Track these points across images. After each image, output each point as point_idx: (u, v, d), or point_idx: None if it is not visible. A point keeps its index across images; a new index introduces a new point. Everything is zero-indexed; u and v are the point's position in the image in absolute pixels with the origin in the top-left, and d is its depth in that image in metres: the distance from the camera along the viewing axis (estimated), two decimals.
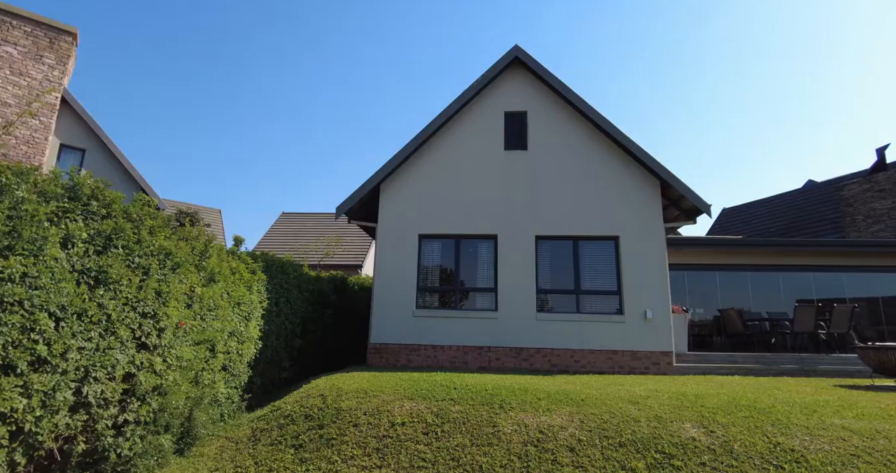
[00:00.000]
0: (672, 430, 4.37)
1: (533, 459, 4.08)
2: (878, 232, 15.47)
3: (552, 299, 9.40)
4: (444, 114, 9.89)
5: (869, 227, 15.79)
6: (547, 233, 9.49)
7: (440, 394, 5.20)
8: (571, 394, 5.24)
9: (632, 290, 9.05)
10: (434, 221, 9.61)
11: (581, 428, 4.42)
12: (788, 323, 11.02)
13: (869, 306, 13.11)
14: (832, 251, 12.88)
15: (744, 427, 4.46)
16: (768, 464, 4.03)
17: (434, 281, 9.63)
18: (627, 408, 4.81)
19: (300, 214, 22.89)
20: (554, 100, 10.16)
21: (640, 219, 9.36)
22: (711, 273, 12.72)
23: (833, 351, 10.51)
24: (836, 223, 17.50)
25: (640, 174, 9.58)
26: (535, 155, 9.91)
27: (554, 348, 8.90)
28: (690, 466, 4.00)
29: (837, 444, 4.26)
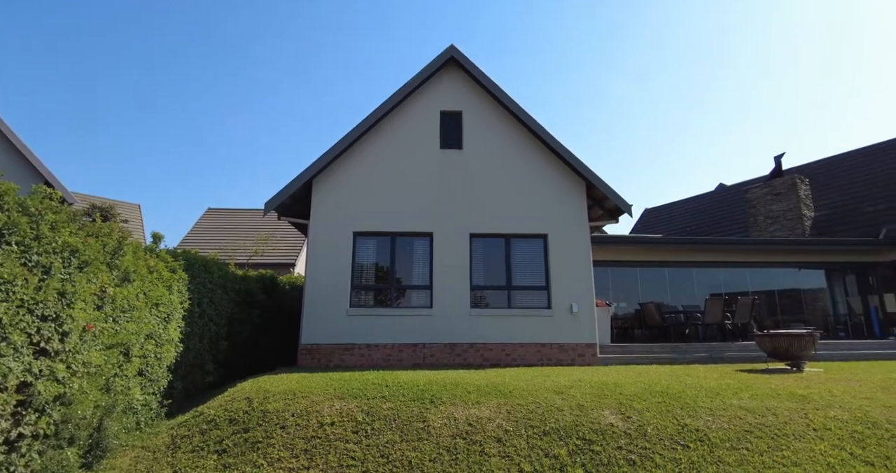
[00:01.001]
0: (592, 417, 4.63)
1: (461, 451, 4.17)
2: (775, 231, 17.14)
3: (485, 295, 9.61)
4: (379, 110, 9.82)
5: (768, 227, 17.46)
6: (481, 231, 9.68)
7: (371, 393, 5.18)
8: (500, 387, 5.40)
9: (559, 286, 9.45)
10: (369, 218, 9.51)
11: (508, 419, 4.57)
12: (700, 315, 11.96)
13: (767, 298, 14.51)
14: (737, 249, 14.13)
15: (657, 411, 4.81)
16: (676, 444, 4.37)
17: (369, 280, 9.55)
18: (552, 398, 5.04)
19: (228, 210, 21.83)
20: (488, 102, 10.37)
21: (567, 218, 9.78)
22: (633, 269, 13.54)
23: (737, 339, 11.53)
24: (743, 223, 19.19)
25: (568, 175, 10.01)
26: (470, 154, 10.08)
27: (486, 342, 9.11)
28: (608, 450, 4.26)
29: (735, 422, 4.70)
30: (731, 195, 21.76)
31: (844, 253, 14.48)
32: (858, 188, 16.89)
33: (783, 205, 17.06)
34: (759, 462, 4.23)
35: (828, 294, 14.96)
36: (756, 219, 17.94)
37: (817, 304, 14.91)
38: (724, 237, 18.80)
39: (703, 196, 24.19)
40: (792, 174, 17.50)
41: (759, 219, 17.78)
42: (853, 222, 15.76)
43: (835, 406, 5.20)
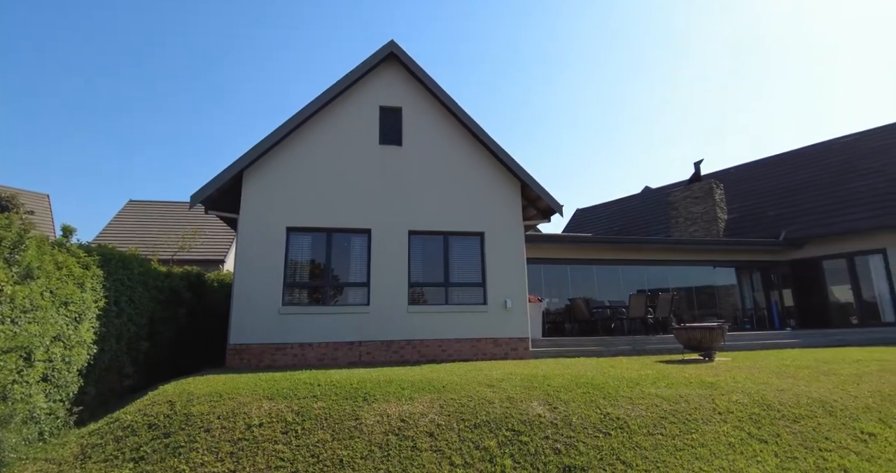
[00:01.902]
0: (521, 409, 4.80)
1: (393, 447, 4.19)
2: (694, 232, 18.47)
3: (423, 292, 9.66)
4: (316, 102, 9.58)
5: (688, 228, 18.78)
6: (419, 228, 9.71)
7: (303, 392, 5.08)
8: (434, 382, 5.47)
9: (495, 282, 9.68)
10: (304, 213, 9.27)
11: (441, 414, 4.64)
12: (625, 310, 12.67)
13: (686, 294, 15.62)
14: (660, 248, 15.09)
15: (582, 402, 5.07)
16: (599, 432, 4.63)
17: (303, 277, 9.31)
18: (484, 392, 5.17)
19: (151, 203, 20.46)
20: (428, 99, 10.41)
21: (502, 216, 10.04)
22: (564, 266, 14.11)
23: (658, 332, 12.33)
24: (666, 224, 20.50)
25: (503, 175, 10.26)
26: (410, 151, 10.07)
27: (423, 339, 9.17)
28: (536, 440, 4.44)
29: (652, 410, 5.05)
30: (656, 197, 23.19)
31: (752, 253, 15.86)
32: (763, 194, 18.55)
33: (701, 208, 18.42)
34: (672, 446, 4.57)
35: (738, 290, 16.33)
36: (677, 221, 19.23)
37: (729, 299, 16.24)
38: (648, 237, 20.01)
39: (630, 197, 25.61)
40: (709, 179, 18.90)
41: (680, 221, 19.08)
42: (759, 225, 17.28)
43: (737, 392, 5.71)
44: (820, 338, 12.22)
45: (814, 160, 18.14)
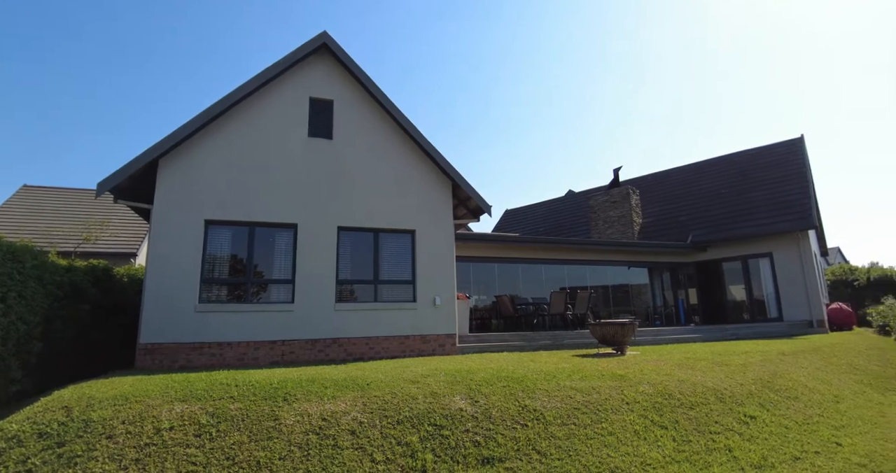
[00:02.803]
0: (444, 404, 4.90)
1: (314, 446, 4.14)
2: (612, 234, 19.65)
3: (351, 289, 9.54)
4: (242, 89, 9.13)
5: (606, 230, 19.94)
6: (349, 224, 9.57)
7: (218, 393, 4.86)
8: (358, 380, 5.44)
9: (424, 280, 9.76)
10: (225, 206, 8.82)
11: (364, 411, 4.64)
12: (547, 307, 13.24)
13: (603, 292, 16.59)
14: (580, 248, 15.91)
15: (502, 395, 5.26)
16: (517, 424, 4.83)
17: (223, 273, 8.86)
18: (408, 388, 5.22)
19: (49, 189, 18.52)
20: (361, 94, 10.27)
21: (433, 215, 10.14)
22: (492, 264, 14.50)
23: (577, 327, 13.01)
24: (586, 226, 21.62)
25: (435, 174, 10.37)
26: (341, 145, 9.89)
27: (351, 337, 9.06)
28: (457, 433, 4.56)
29: (566, 401, 5.34)
30: (578, 201, 24.39)
31: (662, 255, 17.15)
32: (674, 200, 20.10)
33: (618, 212, 19.62)
34: (584, 435, 4.87)
35: (649, 288, 17.60)
36: (597, 223, 20.36)
37: (642, 297, 17.46)
38: (570, 238, 21.02)
39: (556, 200, 26.76)
40: (626, 186, 20.18)
41: (599, 223, 20.22)
42: (670, 229, 18.71)
43: (644, 383, 6.17)
44: (718, 333, 13.47)
45: (718, 171, 19.91)
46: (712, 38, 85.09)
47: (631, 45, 78.68)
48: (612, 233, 19.61)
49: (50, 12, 50.27)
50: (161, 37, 60.85)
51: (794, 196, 16.07)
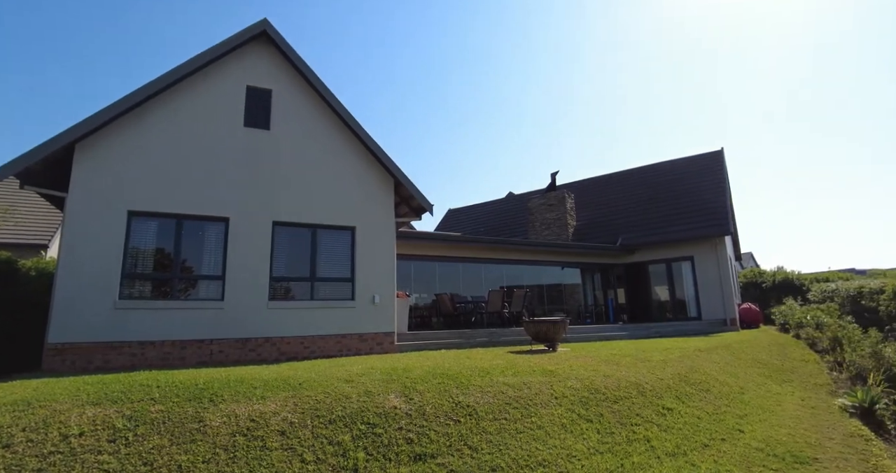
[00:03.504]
0: (378, 402, 4.89)
1: (241, 448, 4.00)
2: (548, 236, 20.33)
3: (287, 286, 9.28)
4: (173, 73, 8.61)
5: (542, 232, 20.61)
6: (286, 219, 9.29)
7: (138, 395, 4.58)
8: (290, 380, 5.31)
9: (363, 278, 9.66)
10: (151, 196, 8.29)
11: (295, 411, 4.54)
12: (485, 305, 13.51)
13: (539, 291, 17.14)
14: (518, 248, 16.34)
15: (436, 392, 5.32)
16: (450, 420, 4.91)
17: (146, 267, 8.33)
18: (342, 387, 5.16)
19: None
20: (302, 86, 9.99)
21: (375, 212, 10.06)
22: (433, 263, 14.59)
23: (513, 325, 13.37)
24: (525, 227, 22.23)
25: (378, 171, 10.29)
26: (279, 137, 9.57)
27: (285, 336, 8.81)
28: (390, 431, 4.57)
29: (498, 397, 5.49)
30: (518, 203, 25.02)
31: (594, 256, 17.96)
32: (607, 205, 21.10)
33: (554, 214, 20.34)
34: (514, 429, 5.03)
35: (582, 288, 18.38)
36: (534, 225, 21.00)
37: (574, 296, 18.20)
38: (509, 238, 21.54)
39: (497, 201, 27.32)
40: (563, 189, 20.94)
41: (537, 225, 20.86)
42: (601, 232, 19.62)
43: (572, 378, 6.46)
44: (643, 331, 14.29)
45: (647, 178, 21.10)
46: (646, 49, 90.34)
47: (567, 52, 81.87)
48: (549, 234, 20.29)
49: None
50: (102, 29, 56.16)
51: (714, 204, 17.35)
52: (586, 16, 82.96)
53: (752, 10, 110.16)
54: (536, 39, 76.28)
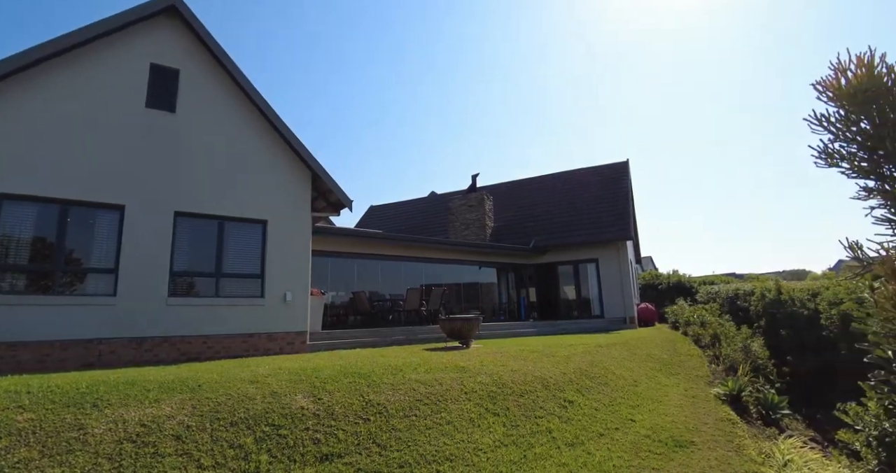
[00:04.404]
0: (284, 403, 4.73)
1: (128, 457, 3.69)
2: (467, 236, 20.77)
3: (190, 282, 8.68)
4: (63, 40, 7.71)
5: (462, 232, 21.01)
6: (190, 209, 8.68)
7: (2, 403, 4.06)
8: (189, 381, 4.98)
9: (275, 274, 9.28)
10: (30, 178, 7.37)
11: (192, 415, 4.26)
12: (402, 303, 13.52)
13: (457, 289, 17.45)
14: (438, 247, 16.53)
15: (346, 391, 5.25)
16: (359, 419, 4.87)
17: (21, 258, 7.40)
18: (246, 388, 4.93)
19: None
20: (214, 68, 9.39)
21: (289, 206, 9.70)
22: (352, 260, 14.34)
23: (430, 323, 13.50)
24: (445, 226, 22.52)
25: (294, 163, 9.93)
26: (186, 121, 8.92)
27: (185, 335, 8.23)
28: (296, 433, 4.44)
29: (410, 394, 5.53)
30: (439, 202, 25.31)
31: (509, 256, 18.62)
32: (523, 207, 21.96)
33: (474, 215, 20.83)
34: (423, 425, 5.10)
35: (497, 287, 18.98)
36: (454, 225, 21.35)
37: (490, 295, 18.75)
38: (430, 237, 21.73)
39: (419, 200, 27.43)
40: (483, 191, 21.49)
41: (457, 225, 21.23)
42: (517, 233, 20.38)
43: (482, 374, 6.66)
44: (551, 328, 15.06)
45: (560, 184, 22.24)
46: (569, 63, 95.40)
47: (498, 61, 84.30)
48: (468, 234, 20.73)
49: None
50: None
51: (617, 211, 18.68)
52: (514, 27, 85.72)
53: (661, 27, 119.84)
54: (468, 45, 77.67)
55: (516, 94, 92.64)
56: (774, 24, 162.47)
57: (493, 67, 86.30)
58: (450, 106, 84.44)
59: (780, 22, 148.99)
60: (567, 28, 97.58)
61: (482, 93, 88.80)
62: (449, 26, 77.73)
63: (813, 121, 1.70)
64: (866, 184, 1.60)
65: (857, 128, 1.56)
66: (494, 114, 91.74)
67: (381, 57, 77.28)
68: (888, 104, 1.45)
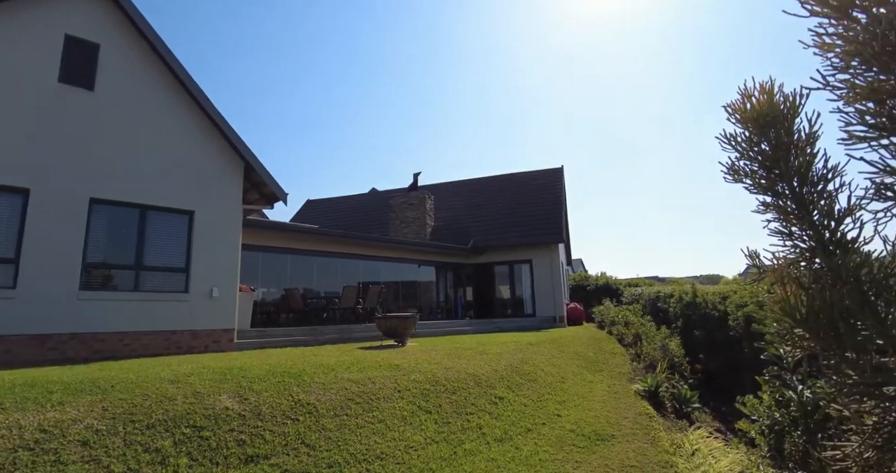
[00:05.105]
0: (208, 403, 4.51)
1: (23, 466, 3.37)
2: (407, 234, 20.74)
3: (107, 274, 8.05)
4: None
5: (402, 230, 20.96)
6: (108, 196, 8.06)
7: None
8: (100, 382, 4.63)
9: (201, 268, 8.81)
10: None
11: (103, 417, 3.97)
12: (338, 301, 13.28)
13: (395, 287, 17.38)
14: (377, 245, 16.38)
15: (275, 391, 5.09)
16: (287, 419, 4.74)
17: None
18: (166, 388, 4.66)
19: None
20: (140, 46, 8.75)
21: (219, 196, 9.24)
22: (286, 255, 13.90)
23: (366, 321, 13.35)
24: (385, 224, 22.36)
25: (226, 152, 9.47)
26: (105, 101, 8.26)
27: (99, 332, 7.63)
28: (219, 434, 4.25)
29: (341, 393, 5.45)
30: (380, 199, 25.09)
31: (448, 256, 18.80)
32: (462, 208, 22.24)
33: (414, 214, 20.84)
34: (354, 424, 5.04)
35: (435, 285, 19.10)
36: (394, 222, 21.25)
37: (428, 293, 18.83)
38: (370, 234, 21.50)
39: (359, 196, 27.03)
40: (424, 190, 21.54)
41: (397, 223, 21.15)
42: (456, 233, 20.62)
43: (416, 371, 6.68)
44: (486, 326, 15.37)
45: (499, 186, 22.73)
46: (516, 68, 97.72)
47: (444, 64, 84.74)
48: (408, 232, 20.70)
49: None
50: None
51: (551, 214, 19.38)
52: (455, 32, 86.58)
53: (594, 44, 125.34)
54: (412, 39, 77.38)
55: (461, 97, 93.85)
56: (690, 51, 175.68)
57: (445, 70, 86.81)
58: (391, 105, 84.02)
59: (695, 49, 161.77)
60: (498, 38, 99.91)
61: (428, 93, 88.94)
62: (398, 30, 77.19)
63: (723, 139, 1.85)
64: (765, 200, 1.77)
65: (758, 149, 1.73)
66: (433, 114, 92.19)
67: (328, 55, 75.43)
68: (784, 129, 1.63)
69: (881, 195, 1.34)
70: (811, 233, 1.64)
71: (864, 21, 1.31)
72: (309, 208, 27.24)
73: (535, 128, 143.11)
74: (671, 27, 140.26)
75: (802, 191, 1.68)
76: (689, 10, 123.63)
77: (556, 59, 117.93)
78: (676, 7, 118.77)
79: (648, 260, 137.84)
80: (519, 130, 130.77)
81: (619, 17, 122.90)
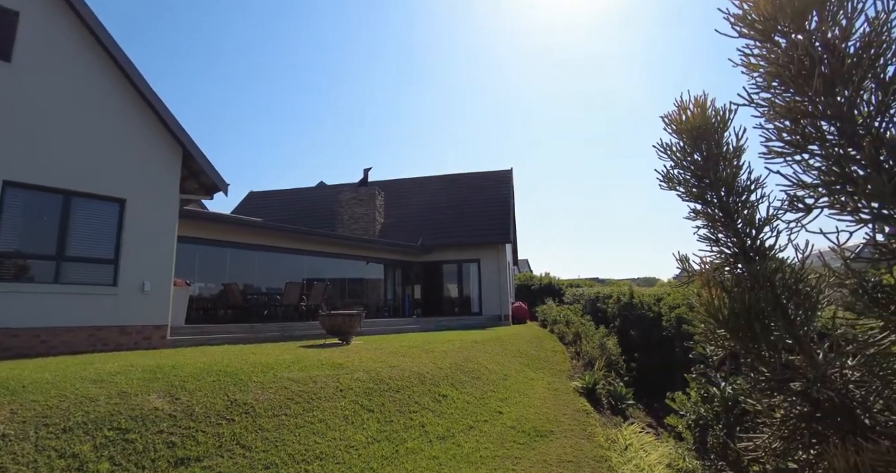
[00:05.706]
0: (134, 404, 4.25)
1: None
2: (355, 230, 20.45)
3: (21, 265, 7.41)
4: None
5: (350, 226, 20.64)
6: (24, 179, 7.41)
7: None
8: (9, 382, 4.25)
9: (132, 260, 8.29)
10: None
11: (11, 421, 3.65)
12: (280, 297, 12.89)
13: (341, 284, 17.09)
14: (324, 240, 16.05)
15: (209, 390, 4.87)
16: (222, 419, 4.55)
17: None
18: (87, 389, 4.35)
19: None
20: (66, 15, 8.10)
21: (154, 184, 8.72)
22: (225, 249, 13.33)
23: (309, 319, 13.04)
24: (333, 219, 21.93)
25: (163, 137, 8.95)
26: (24, 74, 7.58)
27: (11, 327, 7.01)
28: (147, 436, 4.01)
29: (281, 393, 5.30)
30: (328, 193, 24.57)
31: (397, 253, 18.69)
32: (413, 206, 22.19)
33: (364, 210, 20.57)
34: (294, 424, 4.91)
35: (383, 283, 18.94)
36: (343, 218, 20.89)
37: (376, 291, 18.64)
38: (316, 229, 21.02)
39: (306, 189, 26.36)
40: (374, 186, 21.30)
41: (345, 218, 20.80)
42: (405, 231, 20.54)
43: (360, 370, 6.60)
44: (433, 324, 15.41)
45: (449, 186, 22.86)
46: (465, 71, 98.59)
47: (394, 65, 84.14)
48: (357, 229, 20.41)
49: None
50: None
51: (500, 215, 19.71)
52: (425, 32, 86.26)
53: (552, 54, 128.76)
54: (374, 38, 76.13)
55: (422, 96, 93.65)
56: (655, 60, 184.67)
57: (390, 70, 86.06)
58: (340, 101, 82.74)
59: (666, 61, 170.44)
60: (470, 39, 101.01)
61: (378, 90, 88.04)
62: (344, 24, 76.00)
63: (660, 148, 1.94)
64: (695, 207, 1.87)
65: (691, 159, 1.84)
66: (383, 111, 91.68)
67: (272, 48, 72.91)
68: (714, 141, 1.74)
69: (794, 206, 1.46)
70: (735, 239, 1.76)
71: (784, 45, 1.42)
72: (251, 200, 26.25)
73: (483, 126, 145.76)
74: (615, 37, 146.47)
75: (729, 200, 1.79)
76: (637, 18, 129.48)
77: (503, 58, 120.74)
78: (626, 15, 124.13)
79: (590, 260, 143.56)
80: (469, 130, 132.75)
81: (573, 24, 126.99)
